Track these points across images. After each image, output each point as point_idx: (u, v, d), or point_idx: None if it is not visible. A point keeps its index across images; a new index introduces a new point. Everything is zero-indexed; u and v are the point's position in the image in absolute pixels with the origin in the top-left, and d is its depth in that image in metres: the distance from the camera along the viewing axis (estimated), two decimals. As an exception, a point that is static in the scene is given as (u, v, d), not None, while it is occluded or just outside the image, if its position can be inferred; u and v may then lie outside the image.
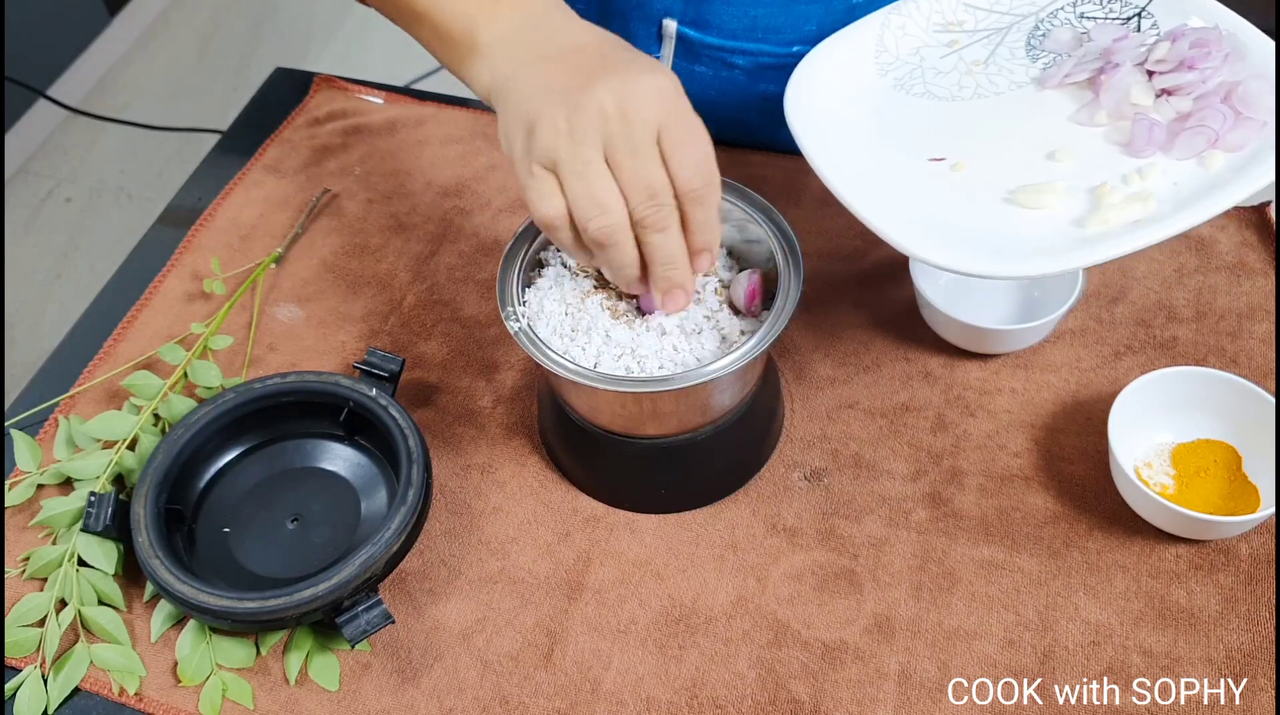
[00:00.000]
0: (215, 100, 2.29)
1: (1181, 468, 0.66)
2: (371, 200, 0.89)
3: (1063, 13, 0.68)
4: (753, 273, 0.64)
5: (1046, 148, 0.61)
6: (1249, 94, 0.59)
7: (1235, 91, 0.59)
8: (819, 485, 0.69)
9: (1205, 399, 0.67)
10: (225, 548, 0.67)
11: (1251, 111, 0.59)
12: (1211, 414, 0.67)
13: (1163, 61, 0.62)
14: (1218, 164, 0.58)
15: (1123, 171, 0.59)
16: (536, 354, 0.60)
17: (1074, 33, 0.67)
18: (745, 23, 0.81)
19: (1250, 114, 0.59)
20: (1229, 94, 0.60)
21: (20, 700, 0.62)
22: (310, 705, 0.62)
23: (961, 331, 0.72)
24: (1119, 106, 0.62)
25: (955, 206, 0.59)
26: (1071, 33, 0.67)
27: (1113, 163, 0.60)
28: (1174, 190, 0.57)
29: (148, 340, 0.80)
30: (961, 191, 0.60)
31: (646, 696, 0.61)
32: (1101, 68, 0.63)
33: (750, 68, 0.83)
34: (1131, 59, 0.63)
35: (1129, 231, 0.55)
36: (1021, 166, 0.61)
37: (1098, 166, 0.60)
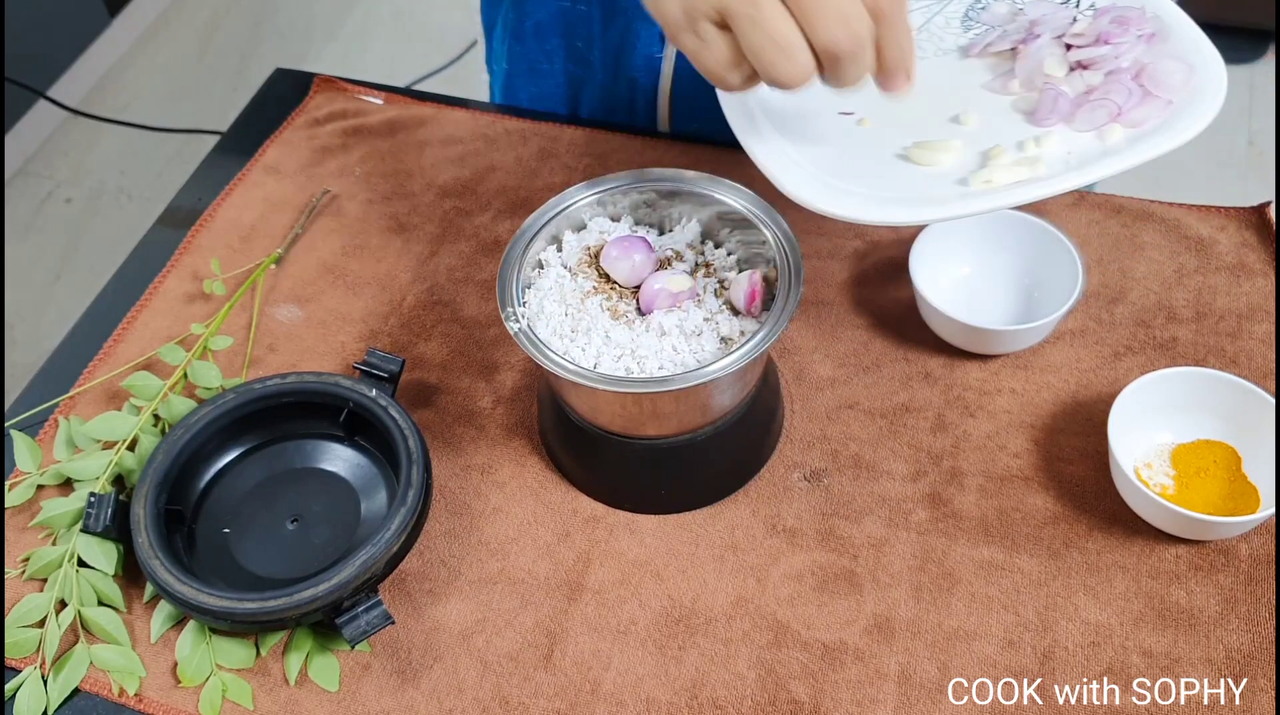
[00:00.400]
0: (215, 100, 2.29)
1: (1181, 468, 0.66)
2: (371, 201, 0.89)
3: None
4: (753, 273, 0.64)
5: (953, 111, 0.61)
6: (1158, 73, 0.59)
7: (1147, 70, 0.59)
8: (819, 486, 0.69)
9: (1205, 399, 0.67)
10: (225, 548, 0.67)
11: (1159, 90, 0.58)
12: (1211, 414, 0.67)
13: (1081, 35, 0.62)
14: (1115, 138, 0.58)
15: (1020, 138, 0.59)
16: (536, 355, 0.60)
17: (1011, 7, 0.67)
18: None
19: (1157, 92, 0.58)
20: (1141, 72, 0.60)
21: (20, 701, 0.62)
22: (310, 706, 0.62)
23: (961, 332, 0.72)
24: (1031, 76, 0.62)
25: (851, 158, 0.60)
26: (1008, 7, 0.67)
27: (1014, 129, 0.60)
28: (1066, 159, 0.58)
29: (148, 341, 0.80)
30: (861, 145, 0.61)
31: (646, 697, 0.61)
32: (1024, 38, 0.63)
33: None
34: (1052, 31, 0.63)
35: (1006, 191, 0.56)
36: (924, 126, 0.61)
37: (998, 131, 0.60)
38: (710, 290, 0.65)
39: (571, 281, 0.65)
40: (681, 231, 0.68)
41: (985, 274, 0.76)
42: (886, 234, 0.82)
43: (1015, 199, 0.55)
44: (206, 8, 2.53)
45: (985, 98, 0.63)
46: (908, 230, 0.80)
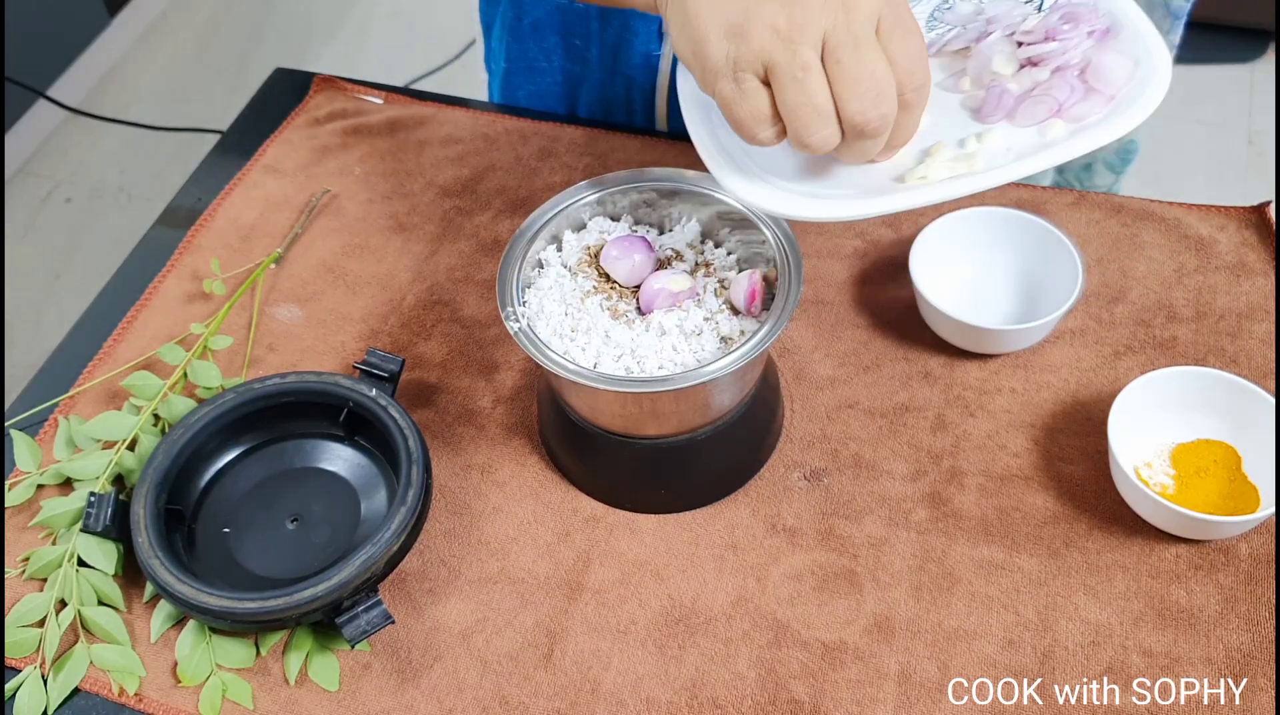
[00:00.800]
0: (215, 100, 2.29)
1: (1181, 468, 0.66)
2: (371, 200, 0.89)
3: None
4: (753, 273, 0.64)
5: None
6: (1102, 68, 0.58)
7: (1091, 65, 0.59)
8: (819, 485, 0.69)
9: (1205, 399, 0.67)
10: (225, 548, 0.67)
11: (1102, 85, 0.58)
12: (1211, 414, 0.67)
13: (1031, 32, 0.62)
14: (1056, 133, 0.58)
15: (962, 135, 0.59)
16: (536, 354, 0.60)
17: (974, 7, 0.66)
18: None
19: (1100, 88, 0.58)
20: (1085, 68, 0.59)
21: (20, 700, 0.62)
22: (310, 705, 0.62)
23: (961, 331, 0.72)
24: (980, 74, 0.61)
25: (790, 154, 0.59)
26: (972, 6, 0.66)
27: (958, 126, 0.60)
28: (1005, 154, 0.57)
29: (147, 340, 0.80)
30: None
31: (646, 697, 0.61)
32: (978, 37, 0.63)
33: None
34: (1004, 28, 0.63)
35: (940, 185, 0.56)
36: None
37: (941, 129, 0.60)
38: (710, 290, 0.65)
39: (571, 281, 0.65)
40: (681, 231, 0.68)
41: (985, 274, 0.76)
42: (886, 233, 0.82)
43: (947, 193, 0.55)
44: (206, 8, 2.53)
45: (937, 96, 0.62)
46: (907, 230, 0.80)
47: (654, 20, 0.83)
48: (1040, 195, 0.83)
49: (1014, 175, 0.56)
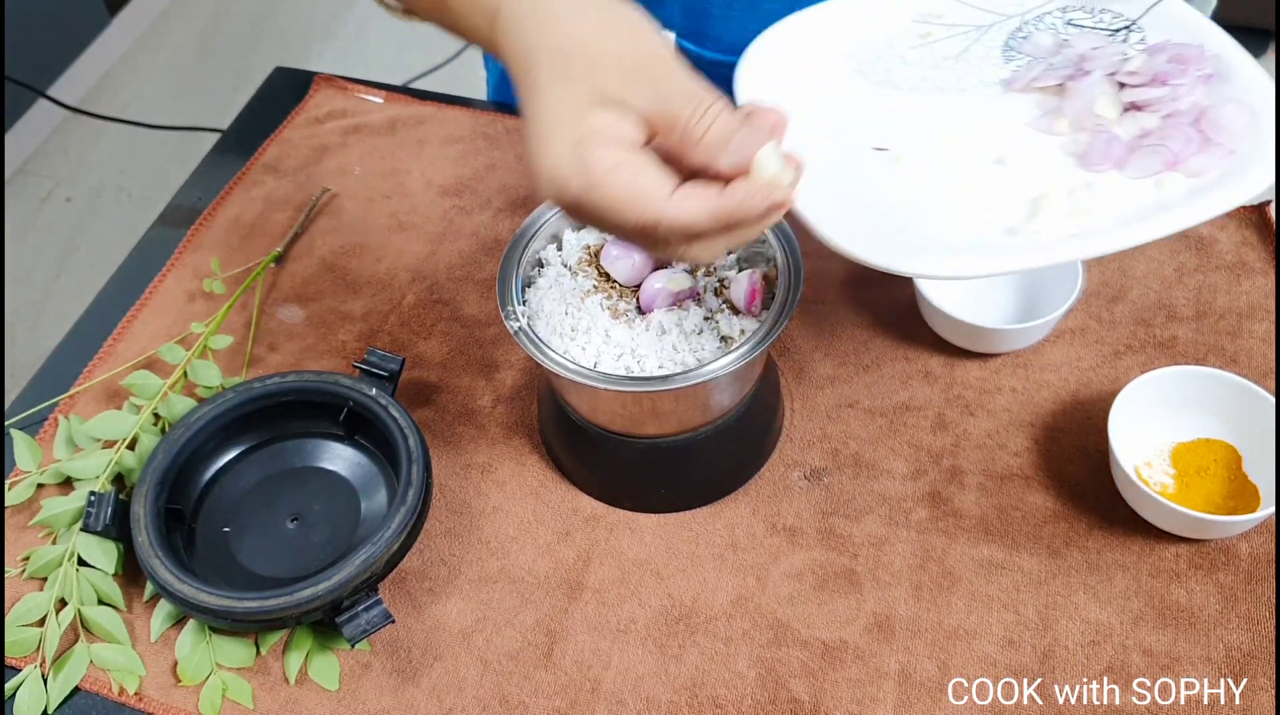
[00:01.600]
0: (215, 100, 2.29)
1: (1181, 467, 0.66)
2: (371, 199, 0.89)
3: (1050, 17, 0.65)
4: (753, 273, 0.64)
5: (997, 151, 0.58)
6: (1221, 119, 0.55)
7: (1207, 114, 0.55)
8: (819, 485, 0.69)
9: (1205, 398, 0.67)
10: (225, 547, 0.67)
11: (1220, 137, 0.54)
12: (1211, 413, 0.67)
13: (1135, 74, 0.58)
14: (1174, 189, 0.54)
15: (1070, 184, 0.55)
16: (536, 353, 0.60)
17: (1055, 38, 0.63)
18: (744, 38, 0.81)
19: (1219, 139, 0.54)
20: (1201, 117, 0.55)
21: (20, 700, 0.62)
22: (310, 705, 0.62)
23: (961, 331, 0.72)
24: (1081, 116, 0.58)
25: (887, 198, 0.56)
26: (1053, 38, 0.63)
27: (1063, 174, 0.56)
28: (1118, 209, 0.54)
29: (148, 340, 0.80)
30: (898, 185, 0.57)
31: (646, 696, 0.61)
32: (1072, 74, 0.60)
33: None
34: (1104, 68, 0.59)
35: (1060, 244, 0.52)
36: (966, 167, 0.57)
37: (1046, 176, 0.56)
38: (710, 289, 0.65)
39: (571, 280, 0.65)
40: (681, 230, 0.68)
41: (985, 273, 0.76)
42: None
43: (1069, 255, 0.52)
44: (206, 8, 2.53)
45: (1031, 137, 0.58)
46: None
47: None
48: (1040, 195, 0.83)
49: (1141, 239, 0.51)
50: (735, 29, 0.80)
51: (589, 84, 0.46)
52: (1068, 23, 0.65)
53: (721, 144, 0.47)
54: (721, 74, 0.83)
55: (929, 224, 0.55)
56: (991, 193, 0.55)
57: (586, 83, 0.46)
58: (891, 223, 0.55)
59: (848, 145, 0.59)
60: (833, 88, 0.63)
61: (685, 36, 0.81)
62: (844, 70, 0.64)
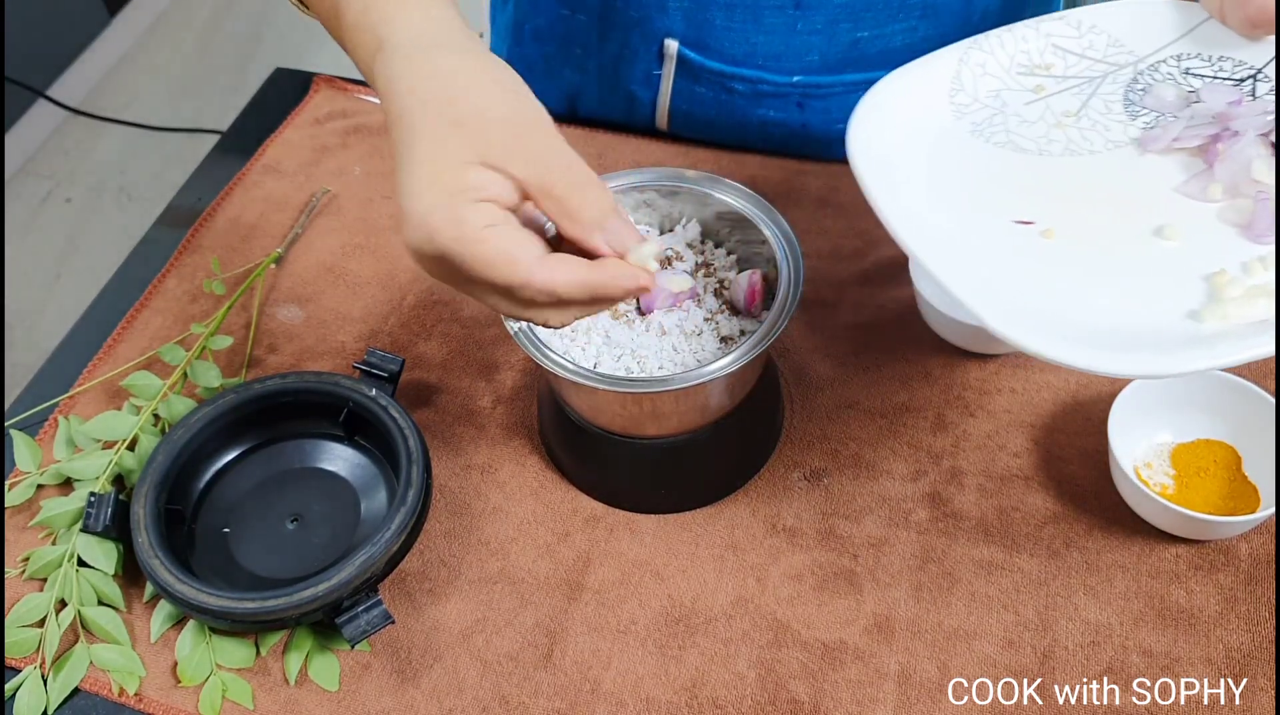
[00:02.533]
0: (215, 100, 2.29)
1: (1181, 468, 0.66)
2: (371, 200, 0.89)
3: (1165, 66, 0.61)
4: (753, 273, 0.64)
5: (1152, 221, 0.53)
6: None
7: None
8: (819, 485, 0.69)
9: (1205, 399, 0.67)
10: (225, 548, 0.67)
11: None
12: (1211, 414, 0.67)
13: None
14: None
15: (1242, 258, 0.51)
16: (536, 354, 0.60)
17: (1179, 90, 0.59)
18: (746, 49, 0.81)
19: None
20: None
21: (20, 700, 0.62)
22: (310, 705, 0.62)
23: (961, 331, 0.72)
24: (1236, 181, 0.54)
25: (1048, 281, 0.52)
26: (1176, 90, 0.59)
27: (1230, 246, 0.52)
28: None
29: (147, 340, 0.80)
30: (1054, 263, 0.53)
31: (646, 696, 0.61)
32: (1216, 134, 0.56)
33: (749, 93, 0.83)
34: (1255, 128, 0.55)
35: (1254, 332, 0.48)
36: (1123, 240, 0.53)
37: (1213, 249, 0.52)
38: (710, 290, 0.65)
39: (571, 281, 0.65)
40: (681, 231, 0.68)
41: (985, 274, 0.76)
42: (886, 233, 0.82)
43: (1265, 349, 0.47)
44: (206, 8, 2.53)
45: (1183, 204, 0.54)
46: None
47: (655, 42, 0.83)
48: (1040, 195, 0.83)
49: None
50: (737, 40, 0.80)
51: (476, 142, 0.47)
52: (1185, 72, 0.61)
53: (596, 224, 0.48)
54: (723, 83, 0.83)
55: (1100, 310, 0.50)
56: (1158, 270, 0.52)
57: (474, 140, 0.47)
58: (1062, 308, 0.50)
59: (986, 218, 0.55)
60: (950, 151, 0.59)
61: (688, 45, 0.82)
62: (958, 131, 0.60)
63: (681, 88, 0.85)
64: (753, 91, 0.83)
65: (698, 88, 0.84)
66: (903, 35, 0.80)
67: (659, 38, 0.82)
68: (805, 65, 0.81)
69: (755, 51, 0.81)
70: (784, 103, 0.83)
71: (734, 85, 0.83)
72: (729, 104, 0.85)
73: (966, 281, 0.49)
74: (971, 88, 0.61)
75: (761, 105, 0.84)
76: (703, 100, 0.85)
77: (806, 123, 0.85)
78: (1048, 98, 0.62)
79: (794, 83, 0.82)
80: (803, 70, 0.81)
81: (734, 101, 0.84)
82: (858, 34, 0.79)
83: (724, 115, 0.86)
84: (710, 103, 0.85)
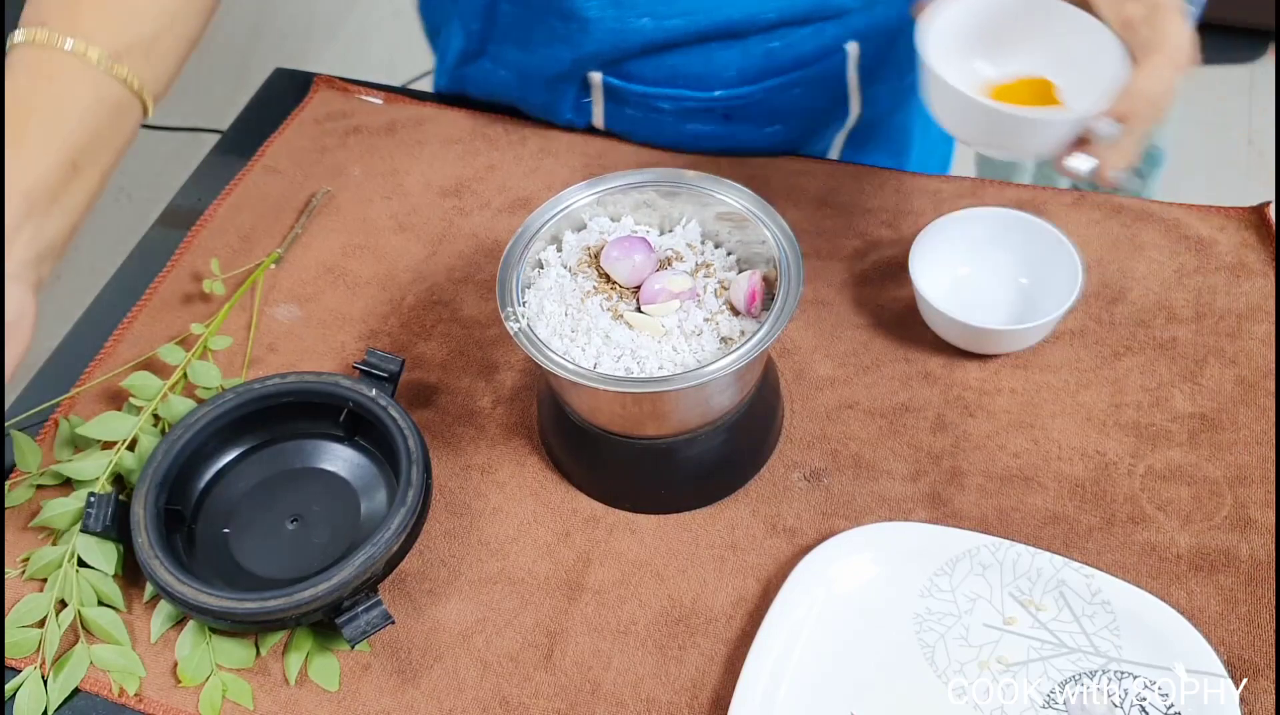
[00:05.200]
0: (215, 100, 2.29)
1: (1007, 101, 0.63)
2: (371, 200, 0.89)
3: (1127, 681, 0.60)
4: (753, 274, 0.64)
5: None
6: None
7: None
8: (819, 485, 0.69)
9: (1024, 28, 0.64)
10: (225, 548, 0.67)
11: None
12: (1032, 51, 0.64)
13: None
14: None
15: None
16: (536, 355, 0.60)
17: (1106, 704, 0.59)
18: (666, 72, 0.84)
19: None
20: None
21: (20, 701, 0.62)
22: (310, 705, 0.62)
23: (961, 332, 0.72)
24: None
25: None
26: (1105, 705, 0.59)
27: None
28: None
29: (147, 341, 0.80)
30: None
31: (646, 697, 0.61)
32: None
33: (676, 110, 0.86)
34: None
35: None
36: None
37: None
38: (710, 290, 0.65)
39: (571, 281, 0.65)
40: (681, 231, 0.68)
41: (985, 274, 0.76)
42: (887, 233, 0.82)
43: None
44: (206, 7, 2.52)
45: None
46: (907, 230, 0.80)
47: (576, 82, 0.86)
48: (1040, 195, 0.83)
49: None
50: (656, 65, 0.83)
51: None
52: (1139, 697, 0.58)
53: None
54: (649, 104, 0.86)
55: None
56: None
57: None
58: None
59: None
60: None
61: (610, 74, 0.85)
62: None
63: (611, 110, 0.88)
64: (679, 109, 0.86)
65: (626, 109, 0.87)
66: (812, 39, 0.82)
67: (581, 76, 0.85)
68: (724, 81, 0.84)
69: (675, 73, 0.84)
70: (710, 116, 0.86)
71: (660, 104, 0.86)
72: (658, 122, 0.87)
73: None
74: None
75: (690, 120, 0.87)
76: (632, 120, 0.88)
77: (734, 133, 0.87)
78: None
79: (715, 97, 0.84)
80: (722, 85, 0.84)
81: (662, 119, 0.87)
82: (770, 44, 0.81)
83: (654, 133, 0.89)
84: (641, 121, 0.88)
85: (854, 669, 0.60)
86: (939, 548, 0.64)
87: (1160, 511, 0.66)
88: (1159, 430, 0.70)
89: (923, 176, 0.86)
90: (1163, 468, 0.68)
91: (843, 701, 0.59)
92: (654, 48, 0.81)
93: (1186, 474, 0.68)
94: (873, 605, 0.62)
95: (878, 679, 0.60)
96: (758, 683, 0.59)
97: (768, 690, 0.59)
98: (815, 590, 0.63)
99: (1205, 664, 0.58)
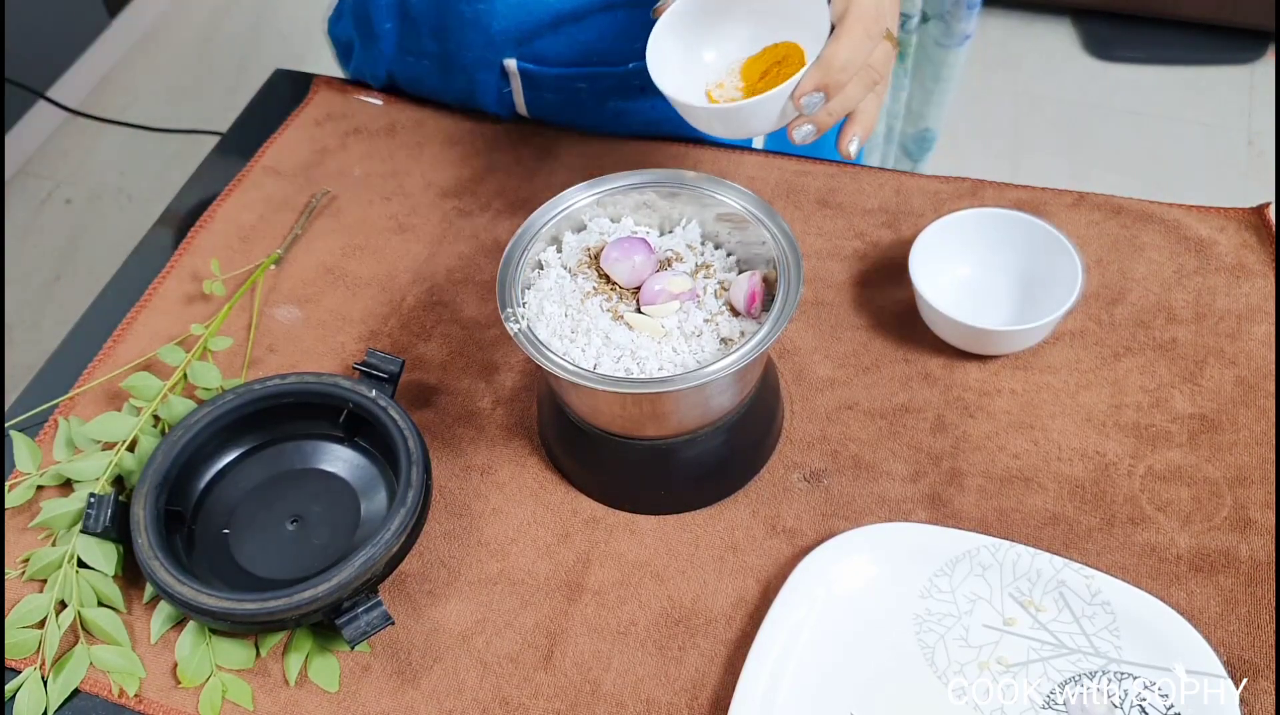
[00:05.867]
0: (215, 101, 2.29)
1: (749, 79, 0.64)
2: (371, 201, 0.89)
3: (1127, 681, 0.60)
4: (753, 275, 0.64)
5: None
6: None
7: None
8: (819, 486, 0.69)
9: None
10: (225, 549, 0.67)
11: None
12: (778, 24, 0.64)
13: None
14: None
15: None
16: (536, 355, 0.60)
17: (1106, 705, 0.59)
18: (578, 50, 0.84)
19: None
20: None
21: (20, 702, 0.62)
22: (310, 706, 0.62)
23: (961, 332, 0.72)
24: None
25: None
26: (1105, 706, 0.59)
27: None
28: None
29: (147, 342, 0.80)
30: None
31: (646, 698, 0.61)
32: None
33: (594, 90, 0.87)
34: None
35: None
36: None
37: None
38: (710, 291, 0.65)
39: (571, 282, 0.65)
40: (681, 232, 0.68)
41: (985, 274, 0.76)
42: (886, 234, 0.82)
43: None
44: (206, 8, 2.53)
45: None
46: (907, 231, 0.81)
47: (494, 68, 0.86)
48: (1040, 196, 0.83)
49: None
50: (568, 44, 0.84)
51: None
52: (1138, 697, 0.59)
53: None
54: (568, 85, 0.86)
55: None
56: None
57: None
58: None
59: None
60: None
61: (526, 60, 0.86)
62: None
63: (531, 97, 0.89)
64: (595, 88, 0.86)
65: (546, 94, 0.88)
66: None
67: (498, 63, 0.86)
68: (636, 53, 0.83)
69: (588, 51, 0.84)
70: (627, 92, 0.87)
71: (577, 84, 0.86)
72: (578, 103, 0.88)
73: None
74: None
75: (609, 98, 0.87)
76: (554, 105, 0.89)
77: (654, 105, 0.87)
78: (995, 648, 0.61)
79: (630, 69, 0.85)
80: (636, 57, 0.84)
81: (581, 100, 0.88)
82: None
83: (577, 114, 0.90)
84: (561, 106, 0.89)
85: (854, 670, 0.60)
86: (939, 548, 0.64)
87: (1160, 512, 0.66)
88: (1159, 431, 0.70)
89: (923, 177, 0.86)
90: (1163, 468, 0.68)
91: (842, 702, 0.59)
92: (563, 19, 0.82)
93: (1186, 475, 0.68)
94: (873, 606, 0.62)
95: (878, 680, 0.60)
96: (758, 683, 0.59)
97: (767, 691, 0.59)
98: (815, 591, 0.63)
99: (1205, 664, 0.58)
